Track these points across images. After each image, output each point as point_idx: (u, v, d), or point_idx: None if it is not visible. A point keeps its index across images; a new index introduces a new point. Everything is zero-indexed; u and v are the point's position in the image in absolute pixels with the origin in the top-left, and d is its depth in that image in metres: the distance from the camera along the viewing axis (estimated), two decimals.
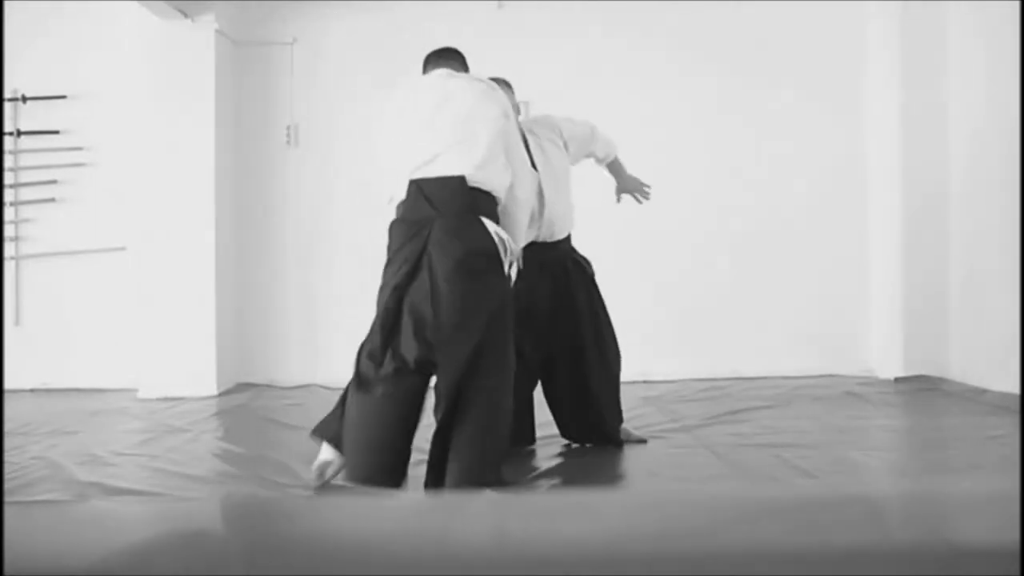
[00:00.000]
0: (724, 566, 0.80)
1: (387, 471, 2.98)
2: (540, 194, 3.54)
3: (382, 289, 3.04)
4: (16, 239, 5.82)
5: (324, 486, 3.24)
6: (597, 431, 3.84)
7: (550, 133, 3.77)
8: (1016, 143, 4.85)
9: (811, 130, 6.06)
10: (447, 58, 3.37)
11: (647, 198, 4.10)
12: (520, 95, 5.96)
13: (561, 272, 3.75)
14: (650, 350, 5.93)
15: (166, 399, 5.37)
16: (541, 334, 3.66)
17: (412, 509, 1.08)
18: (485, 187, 2.98)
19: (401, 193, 3.04)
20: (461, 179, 2.94)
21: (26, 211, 5.85)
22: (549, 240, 3.68)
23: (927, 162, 5.70)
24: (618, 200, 4.11)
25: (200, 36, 5.56)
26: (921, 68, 5.71)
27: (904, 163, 5.75)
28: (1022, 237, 4.78)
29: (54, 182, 5.83)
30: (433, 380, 3.05)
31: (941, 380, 5.54)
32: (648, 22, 6.03)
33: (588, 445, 3.89)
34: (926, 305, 5.69)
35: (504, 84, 3.57)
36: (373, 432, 2.99)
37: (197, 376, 5.51)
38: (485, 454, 2.92)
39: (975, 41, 5.42)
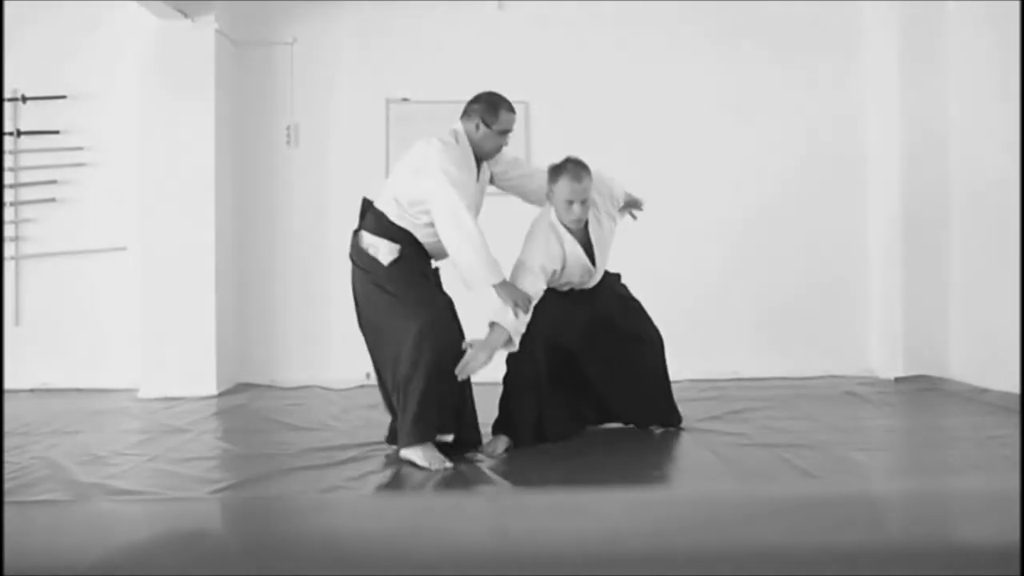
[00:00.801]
0: (724, 566, 0.80)
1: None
2: (588, 268, 3.95)
3: None
4: (16, 239, 5.82)
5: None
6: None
7: (609, 206, 4.01)
8: (1016, 143, 4.85)
9: (811, 131, 6.06)
10: (464, 112, 3.85)
11: (641, 209, 4.39)
12: (520, 95, 5.99)
13: (600, 300, 4.12)
14: None
15: (166, 399, 5.37)
16: (584, 346, 4.07)
17: (412, 509, 1.08)
18: (381, 210, 3.76)
19: None
20: (369, 202, 3.85)
21: (26, 211, 5.84)
22: (589, 287, 4.06)
23: (927, 162, 5.70)
24: (634, 217, 4.39)
25: (200, 36, 5.56)
26: (921, 66, 5.71)
27: (904, 163, 5.75)
28: (1022, 237, 4.78)
29: (54, 182, 5.82)
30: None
31: (941, 380, 5.54)
32: (647, 21, 6.03)
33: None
34: (926, 305, 5.69)
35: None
36: None
37: (197, 376, 5.51)
38: (403, 413, 3.59)
39: (975, 40, 5.42)
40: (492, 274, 3.58)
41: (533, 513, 1.01)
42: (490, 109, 3.76)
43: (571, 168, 3.78)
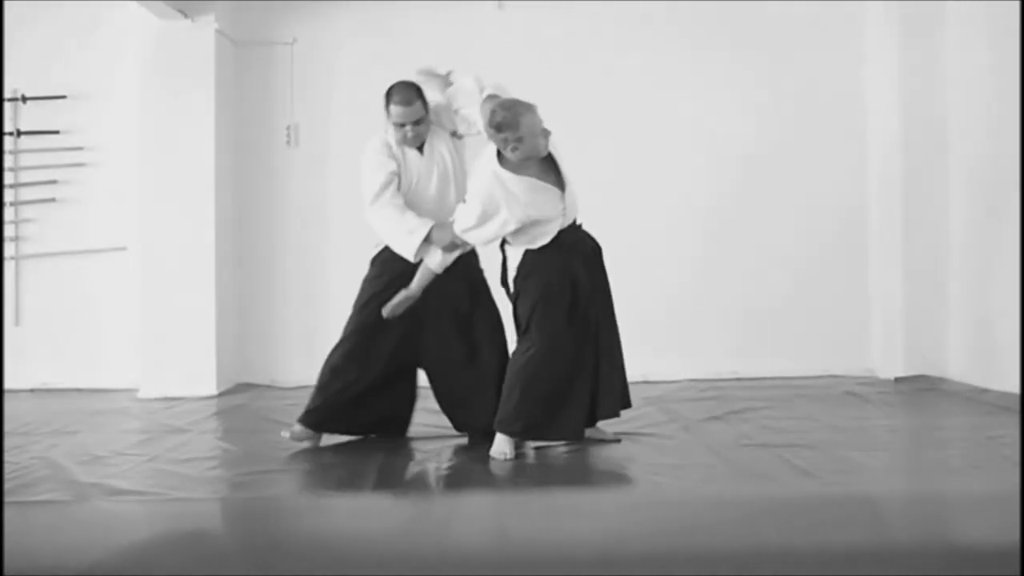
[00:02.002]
0: (724, 566, 0.80)
1: None
2: (558, 196, 3.72)
3: None
4: (16, 239, 5.82)
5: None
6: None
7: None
8: (1016, 142, 4.85)
9: (811, 132, 6.06)
10: None
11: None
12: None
13: (591, 253, 3.85)
14: (650, 350, 5.93)
15: (166, 399, 5.37)
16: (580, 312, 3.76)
17: (412, 509, 1.08)
18: None
19: None
20: None
21: (26, 211, 5.84)
22: (573, 222, 3.81)
23: (927, 162, 5.69)
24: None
25: (200, 36, 5.55)
26: (921, 65, 5.70)
27: (904, 163, 5.74)
28: (1022, 237, 4.78)
29: (54, 182, 5.82)
30: None
31: (941, 380, 5.53)
32: (647, 21, 6.02)
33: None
34: (926, 305, 5.69)
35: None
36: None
37: (197, 376, 5.51)
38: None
39: (975, 39, 5.42)
40: (413, 236, 3.70)
41: (533, 513, 1.01)
42: (385, 102, 3.83)
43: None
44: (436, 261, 3.76)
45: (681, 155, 6.03)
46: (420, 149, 3.90)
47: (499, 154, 3.64)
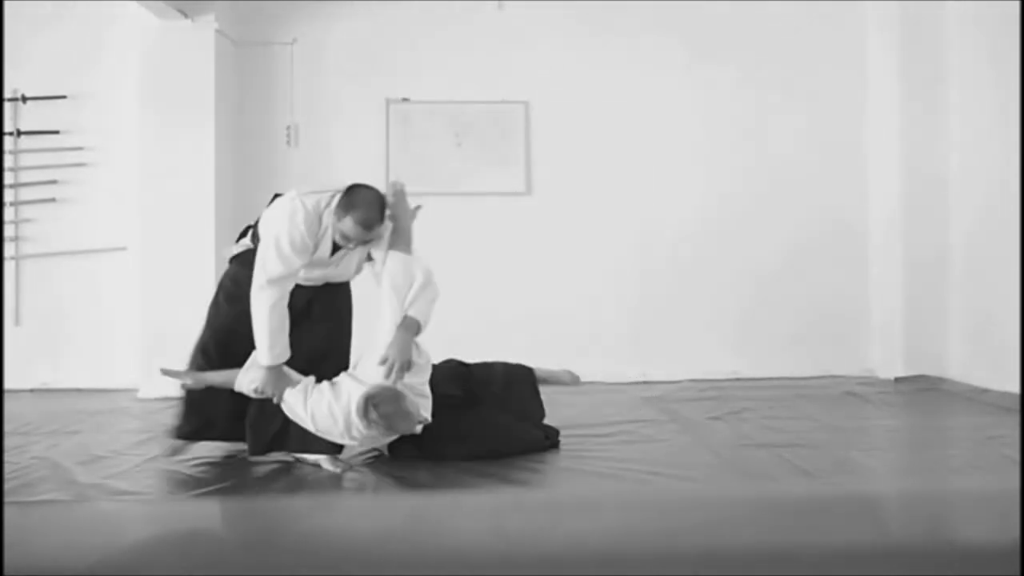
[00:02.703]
0: (724, 566, 0.80)
1: None
2: None
3: None
4: (16, 239, 5.82)
5: None
6: None
7: None
8: (1016, 143, 4.85)
9: (810, 132, 6.06)
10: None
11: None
12: (520, 95, 6.01)
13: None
14: (650, 350, 5.94)
15: (166, 399, 5.36)
16: None
17: (412, 509, 1.08)
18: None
19: None
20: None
21: (26, 211, 5.84)
22: None
23: (927, 162, 5.70)
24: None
25: (200, 36, 5.56)
26: (921, 68, 5.71)
27: (904, 163, 5.75)
28: (1022, 238, 4.78)
29: (54, 182, 5.82)
30: None
31: (941, 380, 5.54)
32: (647, 21, 6.03)
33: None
34: (926, 305, 5.69)
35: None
36: None
37: None
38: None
39: (976, 41, 5.42)
40: (262, 355, 3.47)
41: (533, 512, 1.01)
42: (343, 207, 3.45)
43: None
44: (247, 380, 3.55)
45: (680, 155, 6.03)
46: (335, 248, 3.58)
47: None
